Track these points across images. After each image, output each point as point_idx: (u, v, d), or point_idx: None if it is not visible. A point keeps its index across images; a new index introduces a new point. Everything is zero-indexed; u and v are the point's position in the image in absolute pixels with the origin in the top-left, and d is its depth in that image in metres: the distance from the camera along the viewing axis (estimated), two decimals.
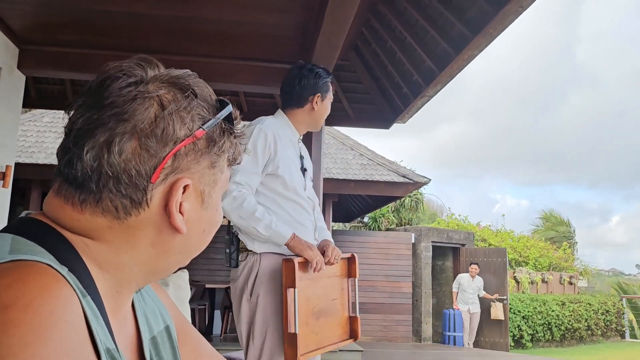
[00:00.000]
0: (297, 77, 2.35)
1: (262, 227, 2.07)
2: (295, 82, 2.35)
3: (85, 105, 0.61)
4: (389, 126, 5.69)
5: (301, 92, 2.34)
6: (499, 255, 11.34)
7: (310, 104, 2.35)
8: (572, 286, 16.00)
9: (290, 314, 2.06)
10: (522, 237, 18.54)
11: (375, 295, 10.80)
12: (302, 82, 2.34)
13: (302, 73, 2.36)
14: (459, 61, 3.87)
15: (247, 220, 2.07)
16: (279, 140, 2.20)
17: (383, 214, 14.98)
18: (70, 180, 0.60)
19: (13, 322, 0.46)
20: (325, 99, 2.38)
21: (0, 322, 0.46)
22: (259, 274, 2.12)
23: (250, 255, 2.16)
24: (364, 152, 10.33)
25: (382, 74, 5.20)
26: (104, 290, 0.60)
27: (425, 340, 11.07)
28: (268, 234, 2.09)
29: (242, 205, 2.06)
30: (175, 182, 0.61)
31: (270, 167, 2.17)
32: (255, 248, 2.15)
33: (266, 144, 2.16)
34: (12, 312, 0.47)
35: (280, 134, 2.24)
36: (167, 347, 0.73)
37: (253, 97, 5.82)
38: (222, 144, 0.65)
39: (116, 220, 0.60)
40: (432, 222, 19.49)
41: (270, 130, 2.18)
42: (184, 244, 0.65)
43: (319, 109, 2.37)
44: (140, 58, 0.64)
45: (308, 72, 2.36)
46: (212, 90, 0.67)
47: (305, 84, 2.34)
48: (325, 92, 2.37)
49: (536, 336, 13.15)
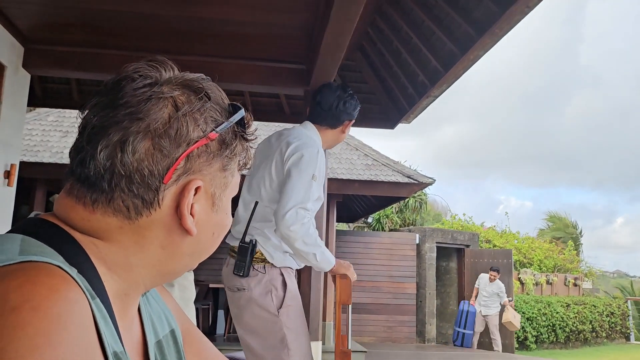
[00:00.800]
0: (340, 99, 2.39)
1: (319, 253, 2.11)
2: (338, 103, 2.39)
3: (99, 105, 0.61)
4: (394, 126, 5.68)
5: (339, 114, 2.39)
6: (505, 257, 11.30)
7: (342, 127, 2.42)
8: (576, 288, 15.95)
9: (343, 331, 2.05)
10: (527, 239, 18.49)
11: (379, 296, 10.79)
12: (345, 105, 2.40)
13: (345, 97, 2.40)
14: (464, 61, 3.86)
15: (310, 247, 2.09)
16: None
17: (387, 215, 14.96)
18: (83, 180, 0.60)
19: (21, 324, 0.46)
20: (347, 127, 2.47)
21: (8, 324, 0.46)
22: (289, 287, 2.14)
23: (269, 267, 2.16)
24: (368, 152, 10.32)
25: (387, 74, 5.19)
26: (112, 293, 0.60)
27: (429, 341, 11.05)
28: (321, 260, 2.13)
29: (308, 231, 2.07)
30: (187, 183, 0.62)
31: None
32: (276, 262, 2.15)
33: (325, 165, 2.24)
34: (21, 314, 0.47)
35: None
36: (173, 351, 0.73)
37: (258, 97, 5.82)
38: (234, 147, 0.65)
39: (127, 221, 0.60)
40: (436, 223, 19.46)
41: (322, 151, 2.24)
42: (194, 247, 0.65)
43: (345, 134, 2.47)
44: (154, 59, 0.65)
45: (350, 98, 2.43)
46: (225, 93, 0.68)
47: (346, 108, 2.41)
48: (353, 119, 2.47)
49: (540, 338, 13.11)
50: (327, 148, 2.47)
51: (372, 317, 10.55)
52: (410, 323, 10.99)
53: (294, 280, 2.18)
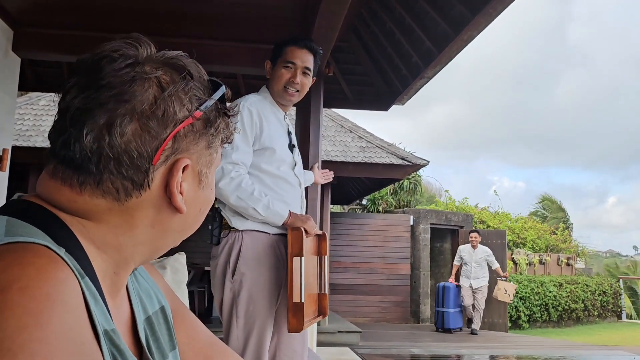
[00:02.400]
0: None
1: (260, 207, 2.05)
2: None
3: (79, 86, 0.60)
4: (388, 108, 5.67)
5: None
6: (499, 237, 11.37)
7: (266, 74, 2.31)
8: (569, 267, 16.10)
9: (295, 284, 2.04)
10: (521, 219, 18.60)
11: (373, 277, 10.87)
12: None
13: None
14: (458, 42, 3.84)
15: (245, 201, 2.04)
16: (264, 116, 2.18)
17: (381, 197, 15.00)
18: (68, 162, 0.59)
19: (9, 305, 0.46)
20: (276, 64, 2.28)
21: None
22: (242, 252, 2.09)
23: (232, 232, 2.13)
24: (363, 134, 10.31)
25: (381, 55, 5.17)
26: (102, 272, 0.60)
27: (423, 321, 11.16)
28: (266, 214, 2.07)
29: (240, 185, 2.04)
30: (175, 162, 0.62)
31: (257, 144, 2.15)
32: (237, 225, 2.12)
33: (252, 120, 2.13)
34: (9, 295, 0.46)
35: (265, 110, 2.22)
36: (163, 328, 0.73)
37: (251, 80, 5.79)
38: (217, 124, 0.66)
39: (116, 202, 0.60)
40: (430, 204, 19.53)
41: (254, 107, 2.16)
42: (182, 223, 0.66)
43: (271, 77, 2.30)
44: (130, 37, 0.64)
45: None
46: (205, 71, 0.67)
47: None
48: (276, 57, 2.28)
49: (533, 317, 13.27)
50: (282, 102, 2.32)
51: (366, 298, 10.64)
52: (404, 304, 11.09)
53: (257, 245, 2.11)
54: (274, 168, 2.18)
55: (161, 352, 0.70)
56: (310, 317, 2.23)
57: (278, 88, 2.26)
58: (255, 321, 2.09)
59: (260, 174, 2.17)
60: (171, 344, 0.73)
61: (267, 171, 2.17)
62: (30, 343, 0.45)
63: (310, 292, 2.27)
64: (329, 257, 2.61)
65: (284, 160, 2.20)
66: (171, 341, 0.74)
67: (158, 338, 0.71)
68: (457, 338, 9.01)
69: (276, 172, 2.19)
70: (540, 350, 8.17)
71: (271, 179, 2.18)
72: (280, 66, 2.25)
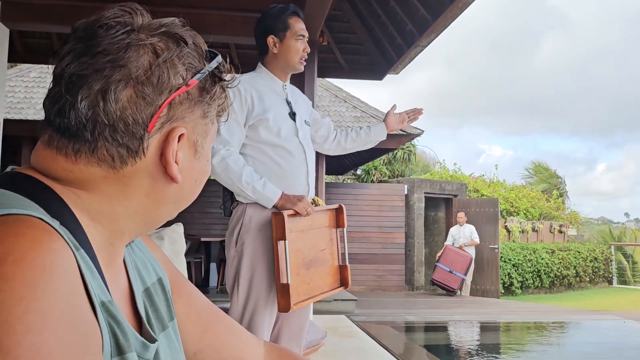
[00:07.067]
0: (255, 26, 2.29)
1: (250, 190, 2.11)
2: (255, 31, 2.30)
3: (74, 52, 0.60)
4: (382, 77, 5.64)
5: (258, 40, 2.29)
6: (491, 206, 11.47)
7: (271, 49, 2.26)
8: (562, 235, 16.28)
9: (281, 266, 2.09)
10: (515, 187, 18.72)
11: (368, 246, 10.96)
12: (257, 30, 2.28)
13: (258, 20, 2.29)
14: (453, 9, 3.81)
15: (234, 182, 2.10)
16: (255, 91, 2.18)
17: (376, 167, 15.02)
18: (63, 130, 0.59)
19: (4, 277, 0.46)
20: (284, 38, 2.24)
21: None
22: (244, 222, 2.15)
23: (240, 205, 2.20)
24: (357, 104, 10.27)
25: (375, 24, 5.11)
26: (97, 243, 0.60)
27: (417, 289, 11.32)
28: (255, 197, 2.13)
29: (228, 166, 2.07)
30: (170, 131, 0.61)
31: (251, 119, 2.16)
32: (242, 198, 2.18)
33: (241, 98, 2.15)
34: (4, 267, 0.46)
35: (258, 85, 2.22)
36: (162, 299, 0.74)
37: (244, 50, 5.73)
38: (213, 93, 0.65)
39: (112, 170, 0.60)
40: (424, 174, 19.58)
41: (242, 86, 2.17)
42: (177, 194, 0.66)
43: (281, 51, 2.25)
44: (126, 4, 0.63)
45: (260, 18, 2.28)
46: (202, 40, 0.67)
47: (258, 31, 2.27)
48: (280, 31, 2.23)
49: (526, 283, 13.47)
50: (291, 72, 2.32)
51: (362, 266, 10.75)
52: (399, 272, 11.22)
53: (260, 216, 2.15)
54: (272, 136, 2.19)
55: (161, 322, 0.71)
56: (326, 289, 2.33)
57: (295, 61, 2.26)
58: (254, 289, 2.14)
59: (259, 144, 2.19)
60: (169, 314, 0.73)
61: (266, 141, 2.19)
62: (27, 314, 0.45)
63: (324, 265, 2.33)
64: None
65: (280, 128, 2.21)
66: (169, 312, 0.74)
67: (157, 309, 0.71)
68: (450, 304, 9.15)
69: (275, 140, 2.19)
70: (532, 315, 8.32)
71: (271, 148, 2.19)
72: (292, 39, 2.25)
